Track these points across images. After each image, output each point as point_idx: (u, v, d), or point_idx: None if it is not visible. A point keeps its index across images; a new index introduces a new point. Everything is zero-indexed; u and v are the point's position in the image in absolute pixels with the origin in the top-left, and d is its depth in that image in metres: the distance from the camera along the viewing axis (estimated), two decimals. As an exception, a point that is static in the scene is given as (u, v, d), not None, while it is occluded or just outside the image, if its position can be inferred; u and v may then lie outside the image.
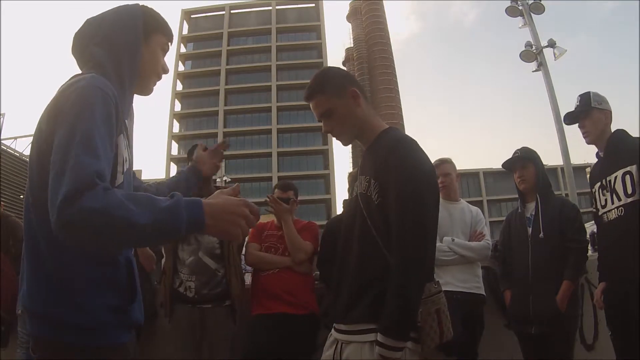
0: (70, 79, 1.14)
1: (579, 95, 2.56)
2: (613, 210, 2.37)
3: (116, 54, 1.19)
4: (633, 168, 2.27)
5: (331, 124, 1.61)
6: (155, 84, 1.35)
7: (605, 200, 2.42)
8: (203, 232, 1.03)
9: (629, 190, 2.28)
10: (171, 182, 1.59)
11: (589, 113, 2.48)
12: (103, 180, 0.94)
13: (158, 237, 1.07)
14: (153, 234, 0.96)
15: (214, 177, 3.06)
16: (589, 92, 2.53)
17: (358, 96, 1.59)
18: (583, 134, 2.52)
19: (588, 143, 2.53)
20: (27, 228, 1.09)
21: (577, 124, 2.57)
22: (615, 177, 2.35)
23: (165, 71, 1.36)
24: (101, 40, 1.20)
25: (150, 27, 1.28)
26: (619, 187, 2.33)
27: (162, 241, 1.07)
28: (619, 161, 2.36)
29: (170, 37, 1.35)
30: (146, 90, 1.34)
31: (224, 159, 1.75)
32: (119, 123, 1.10)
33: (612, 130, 2.49)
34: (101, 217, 0.89)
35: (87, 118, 1.00)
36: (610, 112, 2.51)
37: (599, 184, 2.48)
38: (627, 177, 2.29)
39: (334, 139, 1.72)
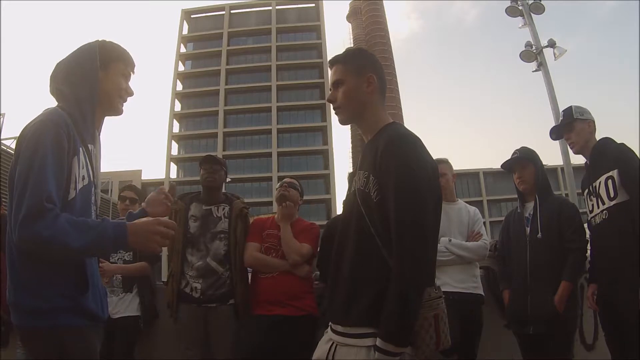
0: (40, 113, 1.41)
1: (562, 111, 2.71)
2: (598, 215, 2.45)
3: (76, 90, 1.43)
4: (614, 172, 2.35)
5: (336, 95, 1.61)
6: (122, 105, 1.58)
7: (592, 205, 2.51)
8: (127, 248, 1.33)
9: (612, 194, 2.36)
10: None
11: (573, 125, 2.60)
12: (52, 202, 1.24)
13: (91, 254, 1.43)
14: (87, 253, 1.36)
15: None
16: (570, 106, 2.66)
17: (373, 84, 1.58)
18: (570, 145, 2.66)
19: (575, 153, 2.64)
20: (7, 232, 1.34)
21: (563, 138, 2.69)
22: (599, 183, 2.44)
23: (130, 94, 1.58)
24: (64, 79, 1.45)
25: (108, 58, 1.51)
26: (602, 192, 2.41)
27: (95, 256, 1.49)
28: (602, 167, 2.44)
29: (128, 63, 1.57)
30: (115, 111, 1.57)
31: (173, 201, 1.80)
32: (71, 147, 1.34)
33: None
34: (47, 243, 1.22)
35: (41, 151, 1.27)
36: (593, 121, 2.61)
37: (587, 190, 2.57)
38: (610, 182, 2.37)
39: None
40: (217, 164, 3.06)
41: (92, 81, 1.44)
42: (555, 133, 2.73)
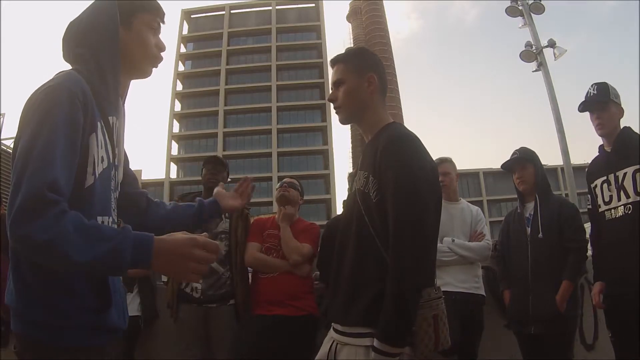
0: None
1: (595, 84, 2.44)
2: (619, 208, 2.29)
3: (95, 51, 1.17)
4: None
5: (337, 94, 1.61)
6: (154, 65, 1.32)
7: (610, 196, 2.34)
8: (150, 270, 0.99)
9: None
10: (184, 208, 1.48)
11: (607, 105, 2.38)
12: (58, 192, 0.95)
13: (98, 273, 1.08)
14: (92, 270, 1.02)
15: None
16: (606, 83, 2.43)
17: (374, 84, 1.58)
18: (597, 124, 2.42)
19: (601, 135, 2.43)
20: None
21: (587, 112, 2.46)
22: (625, 174, 2.27)
23: (162, 49, 1.32)
24: (81, 39, 1.19)
25: (129, 11, 1.25)
26: (628, 185, 2.25)
27: (102, 275, 1.12)
28: (629, 158, 2.27)
29: (155, 12, 1.31)
30: (143, 74, 1.31)
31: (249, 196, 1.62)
32: (88, 122, 1.08)
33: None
34: (42, 250, 0.93)
35: (49, 125, 1.00)
36: (623, 108, 2.43)
37: (603, 179, 2.38)
38: (639, 175, 2.22)
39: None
40: (220, 165, 3.08)
41: (113, 41, 1.19)
42: (585, 106, 2.46)
